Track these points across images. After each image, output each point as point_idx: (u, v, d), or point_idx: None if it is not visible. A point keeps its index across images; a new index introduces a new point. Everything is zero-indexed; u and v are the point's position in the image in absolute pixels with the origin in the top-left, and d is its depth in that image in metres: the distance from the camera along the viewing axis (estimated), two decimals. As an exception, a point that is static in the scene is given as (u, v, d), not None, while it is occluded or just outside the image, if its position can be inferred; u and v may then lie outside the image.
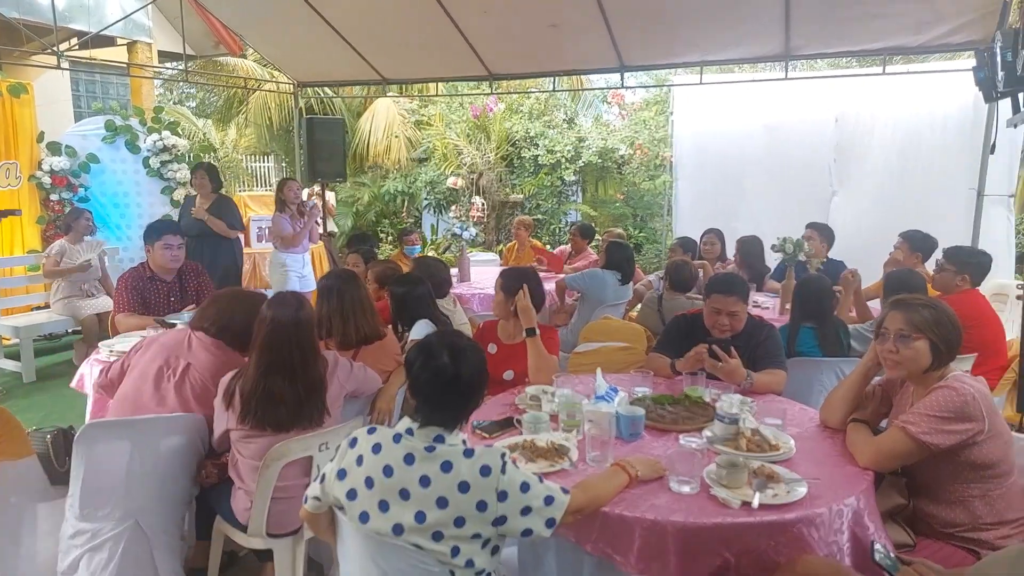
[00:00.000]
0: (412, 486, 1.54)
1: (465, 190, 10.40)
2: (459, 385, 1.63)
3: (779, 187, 6.69)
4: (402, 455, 1.57)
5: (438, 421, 1.61)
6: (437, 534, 1.52)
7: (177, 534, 2.44)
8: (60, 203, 6.62)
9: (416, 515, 1.53)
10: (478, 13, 5.41)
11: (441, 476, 1.53)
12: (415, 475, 1.55)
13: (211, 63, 10.40)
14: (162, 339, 2.56)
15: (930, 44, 4.99)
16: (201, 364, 2.46)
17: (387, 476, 1.56)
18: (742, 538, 1.71)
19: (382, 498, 1.56)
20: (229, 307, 2.56)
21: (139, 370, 2.49)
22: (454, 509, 1.52)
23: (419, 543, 1.53)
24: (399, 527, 1.54)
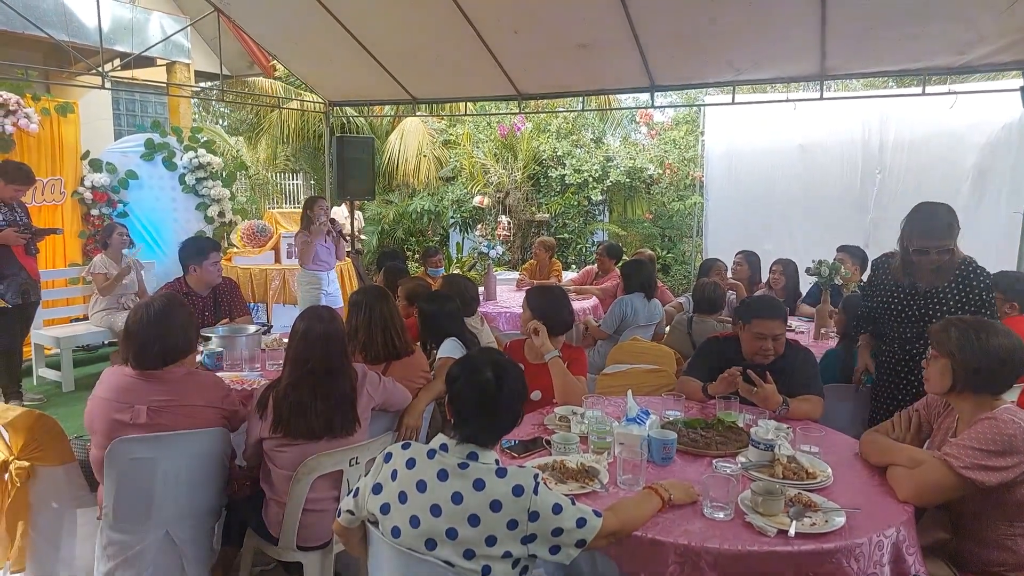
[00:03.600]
0: (444, 502, 1.54)
1: (491, 209, 10.46)
2: (500, 402, 1.63)
3: (813, 209, 6.62)
4: (436, 471, 1.58)
5: (475, 438, 1.62)
6: (468, 552, 1.52)
7: (207, 545, 2.47)
8: (100, 218, 6.81)
9: (447, 531, 1.53)
10: (508, 33, 5.46)
11: (473, 493, 1.54)
12: (448, 492, 1.55)
13: (241, 83, 10.66)
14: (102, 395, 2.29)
15: (973, 64, 4.88)
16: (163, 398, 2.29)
17: (420, 491, 1.57)
18: (778, 567, 1.67)
19: (414, 513, 1.57)
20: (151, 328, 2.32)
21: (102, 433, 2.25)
22: (485, 527, 1.52)
23: (451, 560, 1.53)
24: (432, 542, 1.54)
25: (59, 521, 2.44)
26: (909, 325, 2.79)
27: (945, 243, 2.59)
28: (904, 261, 2.76)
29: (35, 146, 6.28)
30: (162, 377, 2.33)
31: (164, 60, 8.71)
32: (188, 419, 2.32)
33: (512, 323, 5.01)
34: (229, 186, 7.74)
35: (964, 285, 2.67)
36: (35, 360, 5.79)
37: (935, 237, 2.60)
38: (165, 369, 2.34)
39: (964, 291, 2.67)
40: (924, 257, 2.64)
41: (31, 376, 5.73)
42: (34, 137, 6.21)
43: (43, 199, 6.40)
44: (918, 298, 2.75)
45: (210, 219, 7.51)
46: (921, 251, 2.64)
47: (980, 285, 2.65)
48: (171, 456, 2.31)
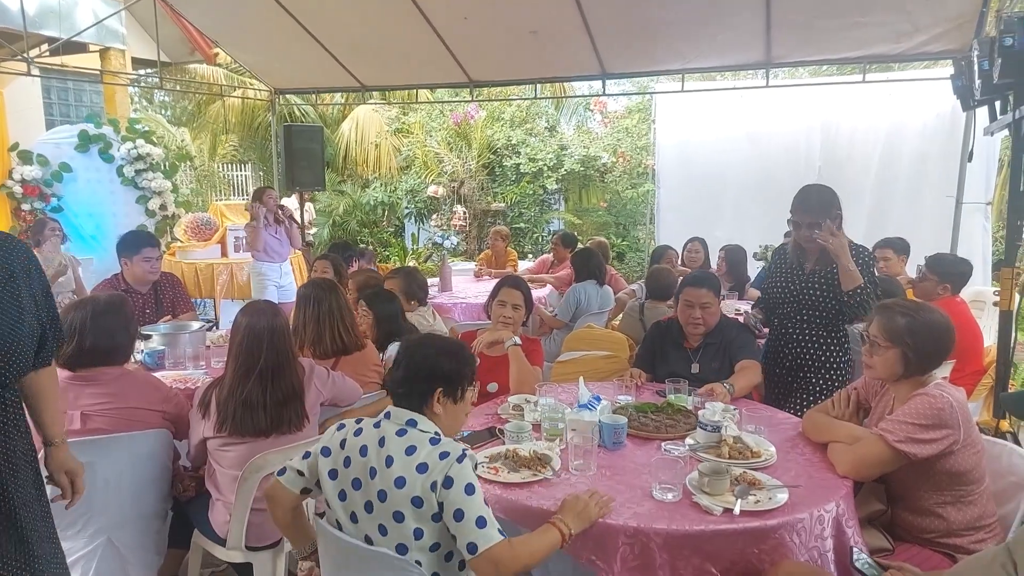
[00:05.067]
0: (380, 466, 1.61)
1: (446, 199, 10.38)
2: (412, 369, 1.71)
3: (761, 195, 6.77)
4: (377, 438, 1.65)
5: (405, 404, 1.69)
6: (398, 514, 1.57)
7: (152, 549, 2.40)
8: (32, 213, 6.49)
9: (379, 493, 1.59)
10: (458, 19, 5.40)
11: (404, 458, 1.59)
12: (383, 456, 1.61)
13: (182, 70, 10.27)
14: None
15: (909, 53, 5.07)
16: (96, 403, 2.23)
17: (362, 456, 1.64)
18: (725, 544, 1.71)
19: (356, 476, 1.63)
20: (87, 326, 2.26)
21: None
22: (410, 488, 1.56)
23: (385, 526, 1.58)
24: (369, 504, 1.60)
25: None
26: (790, 302, 2.89)
27: (814, 219, 2.71)
28: (794, 242, 2.92)
29: (-43, 137, 5.95)
30: (96, 379, 2.25)
31: (97, 46, 8.30)
32: (126, 422, 2.24)
33: (468, 314, 5.00)
34: (171, 178, 7.45)
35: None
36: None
37: (806, 212, 2.76)
38: (99, 370, 2.26)
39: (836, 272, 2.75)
40: (798, 232, 2.80)
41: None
42: (-45, 128, 5.88)
43: (-32, 193, 6.07)
44: (803, 277, 2.87)
45: (151, 213, 7.23)
46: (795, 224, 2.81)
47: (859, 263, 2.73)
48: (110, 460, 2.23)
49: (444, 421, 1.70)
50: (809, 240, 2.76)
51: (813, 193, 2.80)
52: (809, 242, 2.77)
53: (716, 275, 3.21)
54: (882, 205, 6.36)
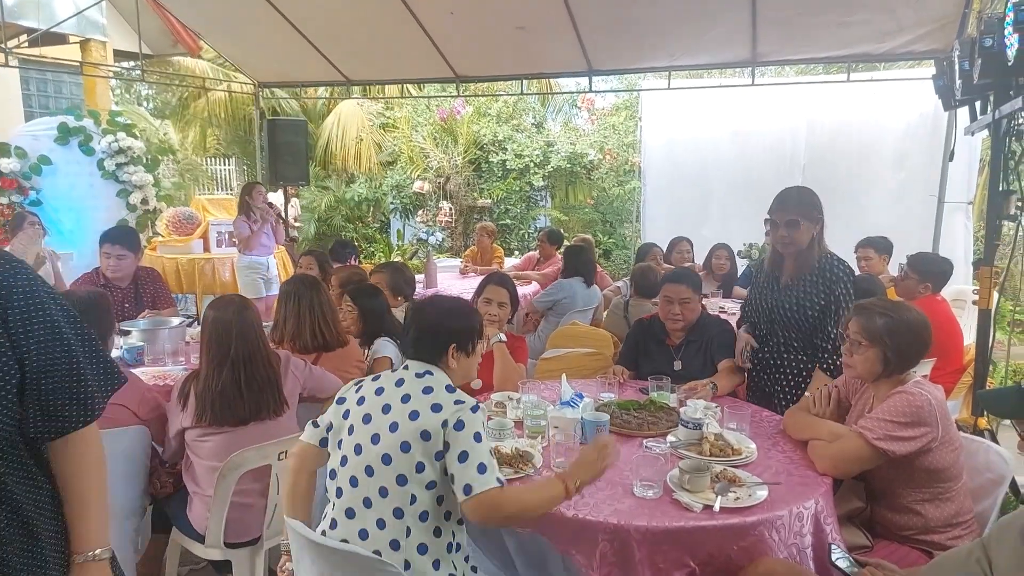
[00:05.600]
0: (395, 402, 1.68)
1: (432, 195, 10.34)
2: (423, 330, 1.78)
3: (747, 193, 6.79)
4: (395, 380, 1.74)
5: (421, 356, 1.77)
6: (404, 444, 1.61)
7: (131, 548, 2.37)
8: (10, 206, 6.37)
9: (391, 425, 1.64)
10: (444, 14, 5.36)
11: (420, 396, 1.67)
12: (400, 393, 1.69)
13: (165, 63, 10.14)
14: None
15: (893, 52, 5.10)
16: None
17: (377, 395, 1.72)
18: (704, 541, 1.71)
19: (368, 412, 1.70)
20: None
21: None
22: (422, 422, 1.62)
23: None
24: (376, 437, 1.65)
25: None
26: (764, 320, 2.71)
27: (792, 217, 2.54)
28: (772, 250, 2.75)
29: (-68, 128, 5.83)
30: None
31: (77, 37, 8.14)
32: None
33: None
34: (153, 171, 7.35)
35: (818, 277, 2.57)
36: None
37: (783, 210, 2.57)
38: None
39: (816, 283, 2.57)
40: (774, 233, 2.63)
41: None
42: (-69, 119, 5.76)
43: (-56, 186, 5.95)
44: (777, 292, 2.67)
45: (132, 207, 7.11)
46: (772, 225, 2.63)
47: (832, 277, 2.54)
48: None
49: (458, 373, 1.80)
50: (786, 242, 2.58)
51: (793, 192, 2.65)
52: (786, 245, 2.59)
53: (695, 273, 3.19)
54: (865, 204, 6.41)
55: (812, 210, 2.57)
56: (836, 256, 2.63)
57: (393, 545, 1.61)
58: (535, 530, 1.79)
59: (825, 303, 2.54)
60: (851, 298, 2.52)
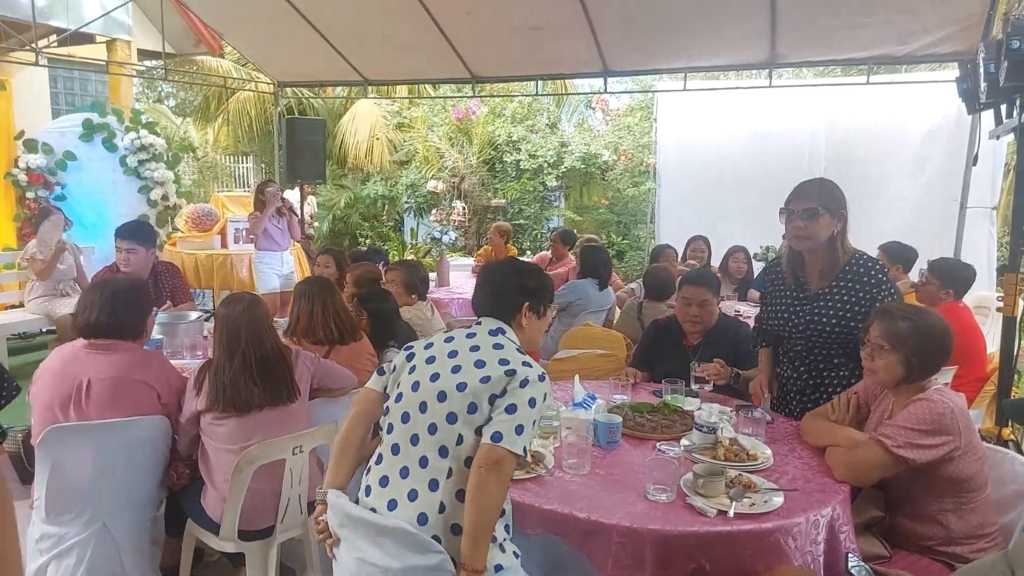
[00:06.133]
0: (462, 349, 1.70)
1: (446, 194, 10.35)
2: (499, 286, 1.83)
3: (763, 195, 6.71)
4: (466, 333, 1.77)
5: (496, 313, 1.80)
6: (462, 384, 1.62)
7: (146, 538, 2.41)
8: (36, 201, 6.50)
9: (453, 368, 1.66)
10: (461, 15, 5.38)
11: (490, 350, 1.69)
12: (469, 343, 1.71)
13: (189, 62, 10.27)
14: (51, 366, 2.33)
15: (915, 54, 5.02)
16: (103, 372, 2.30)
17: (447, 343, 1.75)
18: (718, 546, 1.70)
19: (433, 355, 1.72)
20: (109, 298, 2.39)
21: (40, 410, 2.29)
22: (487, 369, 1.64)
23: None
24: (436, 375, 1.67)
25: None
26: (797, 338, 2.44)
27: (811, 205, 2.30)
28: (789, 251, 2.47)
29: (-37, 125, 5.94)
30: (109, 349, 2.34)
31: (104, 37, 8.27)
32: (123, 393, 2.29)
33: (465, 309, 4.99)
34: (174, 168, 7.46)
35: (854, 282, 2.33)
36: (-34, 349, 5.51)
37: (802, 198, 2.33)
38: (113, 342, 2.35)
39: (853, 289, 2.32)
40: (790, 222, 2.35)
41: (-38, 366, 5.45)
42: (-39, 115, 5.87)
43: (-28, 181, 6.07)
44: (806, 303, 2.41)
45: (153, 203, 7.22)
46: (788, 214, 2.36)
47: (871, 280, 2.31)
48: (108, 445, 2.25)
49: (526, 335, 1.81)
50: (801, 235, 2.32)
51: (815, 181, 2.42)
52: (801, 239, 2.33)
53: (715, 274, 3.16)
54: (885, 208, 6.32)
55: (835, 203, 2.32)
56: (867, 254, 2.38)
57: (432, 485, 1.60)
58: (549, 531, 1.78)
59: (867, 309, 2.26)
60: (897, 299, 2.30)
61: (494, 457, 1.55)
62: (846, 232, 2.36)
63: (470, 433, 1.60)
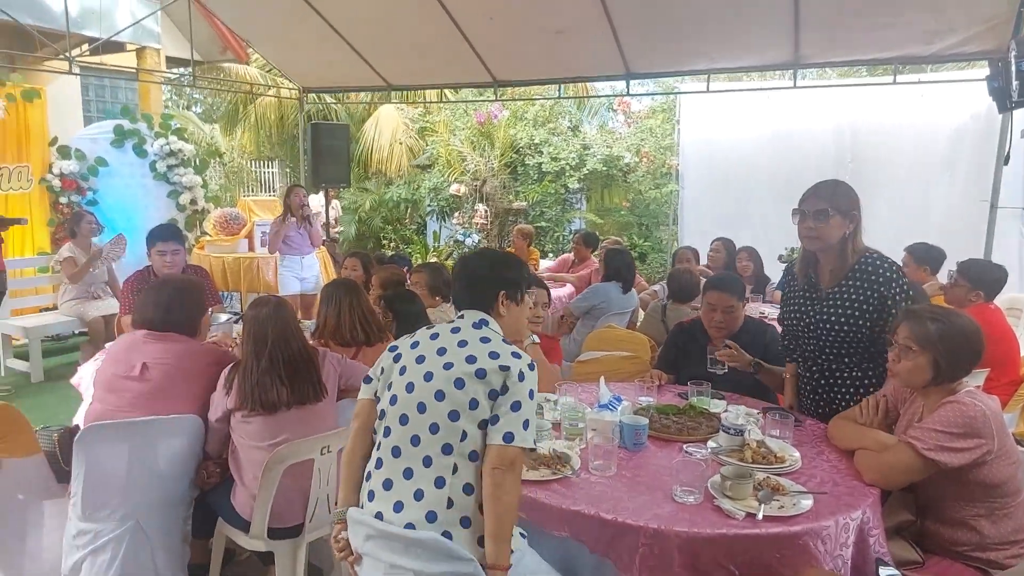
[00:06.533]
0: (451, 345, 1.71)
1: (468, 197, 10.40)
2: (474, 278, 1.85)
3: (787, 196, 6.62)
4: (450, 328, 1.77)
5: (475, 304, 1.80)
6: (459, 381, 1.64)
7: (178, 536, 2.45)
8: (69, 206, 6.66)
9: (445, 364, 1.67)
10: (484, 20, 5.42)
11: (478, 344, 1.70)
12: (456, 339, 1.72)
13: (215, 68, 10.46)
14: (111, 349, 2.59)
15: (942, 53, 4.93)
16: (156, 357, 2.45)
17: (432, 340, 1.75)
18: (747, 549, 1.69)
19: (421, 353, 1.72)
20: (164, 295, 2.60)
21: (99, 385, 2.50)
22: (479, 364, 1.65)
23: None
24: (429, 375, 1.67)
25: (25, 513, 2.40)
26: (809, 337, 2.43)
27: (822, 206, 2.29)
28: (803, 252, 2.47)
29: (0, 132, 6.10)
30: (165, 339, 2.47)
31: (134, 45, 8.48)
32: (178, 376, 2.43)
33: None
34: (202, 173, 7.60)
35: (863, 281, 2.31)
36: (2, 350, 5.66)
37: (814, 198, 2.33)
38: (169, 334, 2.49)
39: (862, 288, 2.30)
40: (802, 223, 2.35)
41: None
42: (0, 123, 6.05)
43: (10, 187, 6.24)
44: (816, 303, 2.40)
45: (182, 207, 7.37)
46: (800, 215, 2.36)
47: (880, 279, 2.28)
48: (143, 443, 2.30)
49: (507, 323, 1.81)
50: (811, 236, 2.32)
51: (829, 182, 2.40)
52: (812, 240, 2.33)
53: (739, 278, 3.12)
54: (912, 209, 6.22)
55: (846, 204, 2.31)
56: (878, 253, 2.36)
57: (438, 483, 1.62)
58: (575, 533, 1.79)
59: (877, 308, 2.27)
60: (908, 298, 2.27)
61: (509, 457, 1.58)
62: (858, 233, 2.35)
63: (473, 428, 1.63)
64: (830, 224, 2.30)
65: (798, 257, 2.54)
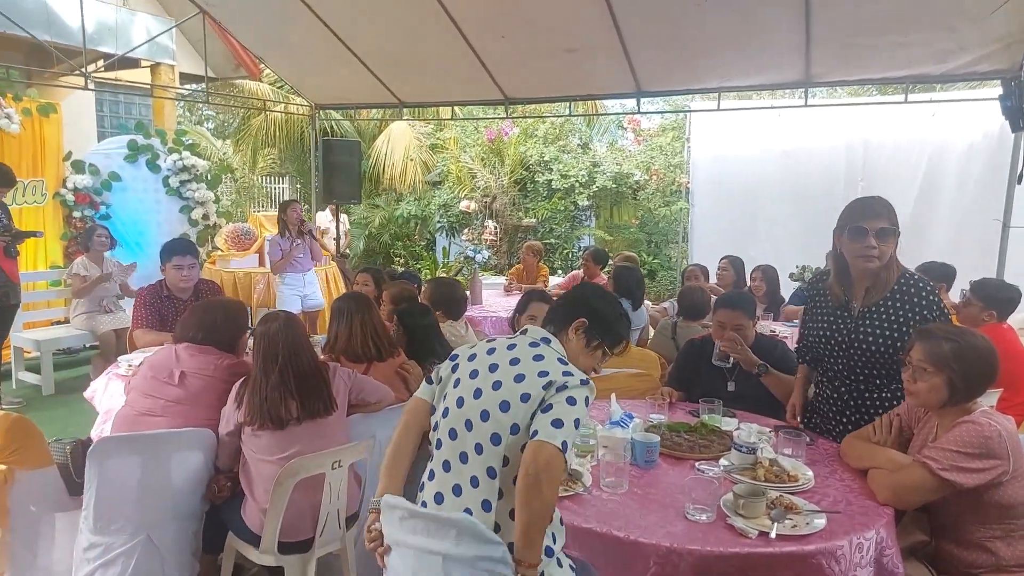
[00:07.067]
0: (503, 362, 1.68)
1: (478, 213, 10.46)
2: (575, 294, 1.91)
3: (798, 215, 6.68)
4: (507, 344, 1.75)
5: (552, 320, 1.82)
6: (504, 404, 1.61)
7: (189, 550, 2.46)
8: (83, 220, 6.73)
9: (494, 384, 1.65)
10: (496, 38, 5.47)
11: (530, 362, 1.66)
12: (509, 356, 1.70)
13: (228, 85, 10.61)
14: (151, 358, 2.65)
15: (954, 73, 4.94)
16: (195, 367, 2.55)
17: (488, 355, 1.73)
18: (760, 568, 1.68)
19: (475, 368, 1.71)
20: (209, 314, 2.72)
21: (135, 390, 2.58)
22: (527, 385, 1.62)
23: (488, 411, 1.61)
24: (479, 392, 1.65)
25: (37, 525, 2.41)
26: (838, 356, 2.38)
27: (885, 225, 2.19)
28: (838, 268, 2.37)
29: (16, 147, 6.20)
30: (205, 352, 2.58)
31: (148, 61, 8.63)
32: (216, 387, 2.51)
33: (498, 327, 5.01)
34: (214, 189, 7.68)
35: (903, 302, 2.25)
36: (14, 363, 5.70)
37: (875, 216, 2.20)
38: (209, 347, 2.59)
39: (902, 309, 2.25)
40: (859, 243, 2.21)
41: (10, 379, 5.64)
42: (15, 138, 6.14)
43: (24, 200, 6.32)
44: (849, 321, 2.34)
45: (194, 222, 7.45)
46: (857, 233, 2.21)
47: (922, 301, 2.24)
48: (156, 457, 2.31)
49: (570, 354, 1.75)
50: (871, 255, 2.19)
51: (878, 199, 2.26)
52: (871, 259, 2.20)
53: (750, 296, 3.11)
54: (924, 227, 6.21)
55: (898, 221, 2.23)
56: (917, 274, 2.30)
57: (484, 506, 1.59)
58: (585, 552, 1.78)
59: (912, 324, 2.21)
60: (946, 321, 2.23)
61: (543, 456, 1.50)
62: (896, 246, 2.27)
63: (516, 454, 1.58)
64: (890, 243, 2.21)
65: (832, 273, 2.43)
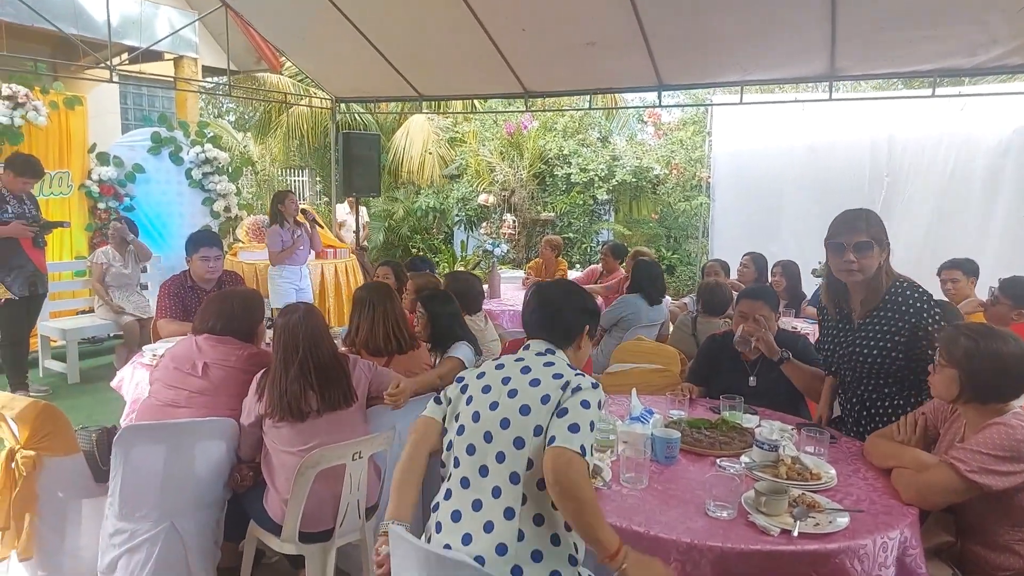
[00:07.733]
0: (515, 373, 1.72)
1: (497, 207, 10.45)
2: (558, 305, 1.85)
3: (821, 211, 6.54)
4: (514, 358, 1.79)
5: (554, 337, 1.82)
6: (524, 408, 1.64)
7: (211, 538, 2.49)
8: (107, 211, 6.84)
9: (510, 392, 1.68)
10: (516, 31, 5.45)
11: (542, 368, 1.71)
12: (520, 366, 1.74)
13: (250, 78, 10.69)
14: (172, 350, 2.68)
15: (985, 66, 4.83)
16: (216, 358, 2.59)
17: (498, 369, 1.76)
18: (781, 566, 1.66)
19: (487, 383, 1.74)
20: (227, 303, 2.75)
21: (158, 381, 2.62)
22: (543, 388, 1.66)
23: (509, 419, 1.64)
24: (495, 404, 1.68)
25: (64, 511, 2.46)
26: (846, 368, 2.41)
27: (863, 238, 2.22)
28: (829, 283, 2.42)
29: (43, 139, 6.30)
30: (226, 342, 2.62)
31: (172, 54, 8.72)
32: (239, 376, 2.54)
33: (516, 321, 5.01)
34: (235, 181, 7.76)
35: (893, 311, 2.26)
36: (41, 352, 5.82)
37: (852, 231, 2.24)
38: (230, 338, 2.63)
39: (893, 319, 2.26)
40: (840, 257, 2.26)
41: (37, 368, 5.75)
42: (42, 130, 6.23)
43: (50, 192, 6.43)
44: (850, 333, 2.38)
45: (216, 214, 7.53)
46: (835, 248, 2.28)
47: (911, 308, 2.24)
48: (180, 446, 2.35)
49: (579, 356, 1.83)
50: (852, 269, 2.25)
51: (860, 211, 2.31)
52: (852, 273, 2.26)
53: (772, 289, 3.08)
54: (951, 223, 6.09)
55: (881, 233, 2.27)
56: (908, 280, 2.32)
57: (507, 514, 1.58)
58: None
59: (909, 338, 2.23)
60: (941, 326, 2.21)
61: (564, 459, 1.52)
62: (888, 260, 2.31)
63: (538, 456, 1.59)
64: (871, 256, 2.24)
65: (823, 288, 2.50)
